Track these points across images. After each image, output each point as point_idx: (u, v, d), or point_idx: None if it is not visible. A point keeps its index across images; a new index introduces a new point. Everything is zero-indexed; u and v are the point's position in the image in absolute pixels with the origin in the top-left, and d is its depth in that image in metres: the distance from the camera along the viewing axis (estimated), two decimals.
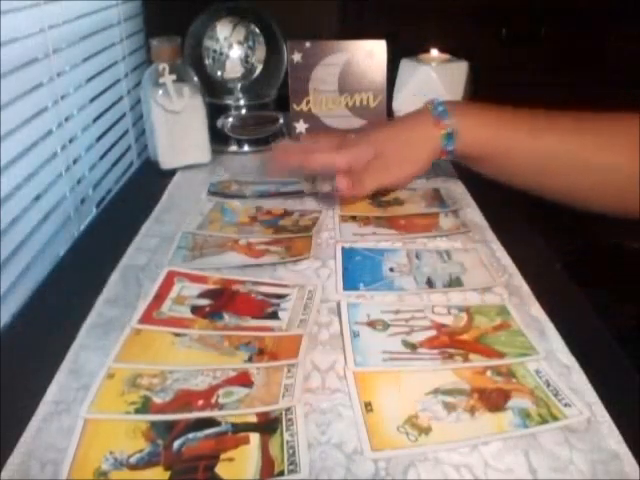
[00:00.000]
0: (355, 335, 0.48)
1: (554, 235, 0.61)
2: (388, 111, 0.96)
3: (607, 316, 0.50)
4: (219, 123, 0.88)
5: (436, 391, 0.42)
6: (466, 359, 0.45)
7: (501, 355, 0.46)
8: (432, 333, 0.48)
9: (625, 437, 0.38)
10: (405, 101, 0.92)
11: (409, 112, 0.70)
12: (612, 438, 0.38)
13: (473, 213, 0.71)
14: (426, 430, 0.39)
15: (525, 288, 0.55)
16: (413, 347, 0.47)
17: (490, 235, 0.65)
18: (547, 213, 0.59)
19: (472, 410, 0.40)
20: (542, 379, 0.43)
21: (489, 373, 0.44)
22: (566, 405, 0.40)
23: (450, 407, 0.41)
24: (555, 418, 0.39)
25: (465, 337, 0.48)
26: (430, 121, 0.64)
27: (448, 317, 0.51)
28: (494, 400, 0.41)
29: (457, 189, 0.78)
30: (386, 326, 0.49)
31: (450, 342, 0.47)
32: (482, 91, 0.97)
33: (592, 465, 0.36)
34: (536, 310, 0.52)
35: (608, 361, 0.47)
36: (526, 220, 0.62)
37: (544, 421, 0.39)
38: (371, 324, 0.49)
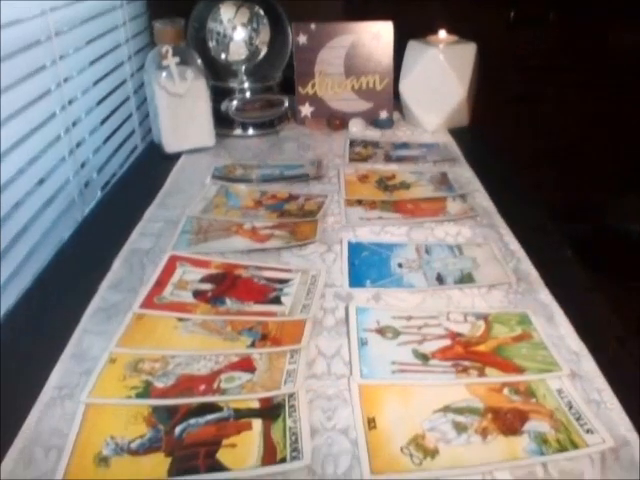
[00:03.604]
0: (363, 343, 0.45)
1: (565, 219, 0.59)
2: (395, 94, 0.94)
3: (617, 302, 0.49)
4: (223, 106, 0.87)
5: (446, 409, 0.39)
6: (482, 373, 0.42)
7: (520, 370, 0.42)
8: (446, 343, 0.45)
9: (635, 423, 0.37)
10: (412, 84, 0.91)
11: None
12: (622, 425, 0.37)
13: (481, 197, 0.70)
14: (432, 453, 0.36)
15: (534, 274, 0.54)
16: (425, 358, 0.43)
17: (498, 220, 0.64)
18: (558, 196, 0.57)
19: (484, 432, 0.37)
20: (564, 400, 0.39)
21: (506, 391, 0.40)
22: (588, 432, 0.37)
23: (460, 428, 0.37)
24: (575, 446, 0.36)
25: (482, 348, 0.44)
26: None
27: (464, 325, 0.47)
28: (509, 422, 0.38)
29: (465, 173, 0.77)
30: (396, 334, 0.46)
31: (465, 353, 0.44)
32: (490, 73, 0.96)
33: (601, 453, 0.36)
34: (545, 296, 0.51)
35: (618, 347, 0.46)
36: (536, 205, 0.61)
37: (563, 449, 0.36)
38: (380, 331, 0.46)
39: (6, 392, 0.41)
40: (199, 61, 0.81)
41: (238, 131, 0.90)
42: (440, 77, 0.87)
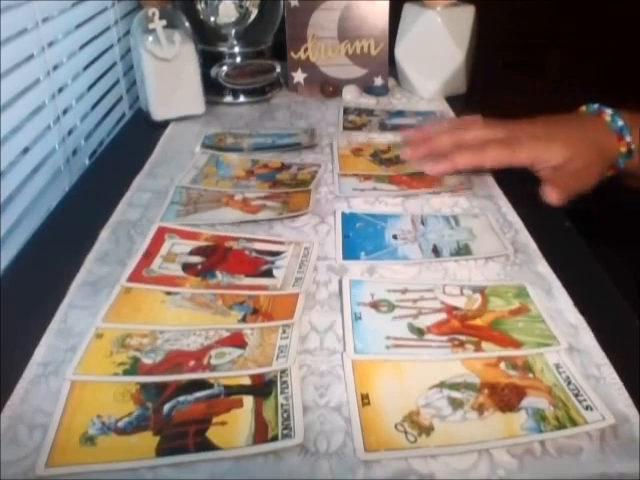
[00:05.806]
0: (357, 318, 0.44)
1: None
2: (390, 59, 0.92)
3: (617, 274, 0.48)
4: (213, 72, 0.84)
5: (442, 384, 0.38)
6: (478, 348, 0.41)
7: (518, 344, 0.41)
8: (442, 317, 0.44)
9: (635, 399, 0.37)
10: (408, 48, 0.88)
11: (572, 114, 0.61)
12: (621, 401, 0.37)
13: None
14: (427, 429, 0.35)
15: (532, 245, 0.53)
16: (420, 332, 0.42)
17: (496, 191, 0.63)
18: None
19: (481, 408, 0.36)
20: (562, 375, 0.39)
21: (503, 365, 0.39)
22: (587, 408, 0.36)
23: (456, 404, 0.36)
24: (574, 423, 0.35)
25: (478, 322, 0.43)
26: (612, 135, 0.58)
27: (460, 298, 0.46)
28: (507, 398, 0.37)
29: None
30: (391, 307, 0.45)
31: (461, 327, 0.43)
32: (490, 41, 0.93)
33: (600, 431, 0.35)
34: (543, 267, 0.50)
35: (617, 320, 0.45)
36: (534, 174, 0.59)
37: (561, 426, 0.35)
38: (375, 305, 0.45)
39: None
40: (187, 24, 0.78)
41: (228, 98, 0.88)
42: (437, 41, 0.85)
